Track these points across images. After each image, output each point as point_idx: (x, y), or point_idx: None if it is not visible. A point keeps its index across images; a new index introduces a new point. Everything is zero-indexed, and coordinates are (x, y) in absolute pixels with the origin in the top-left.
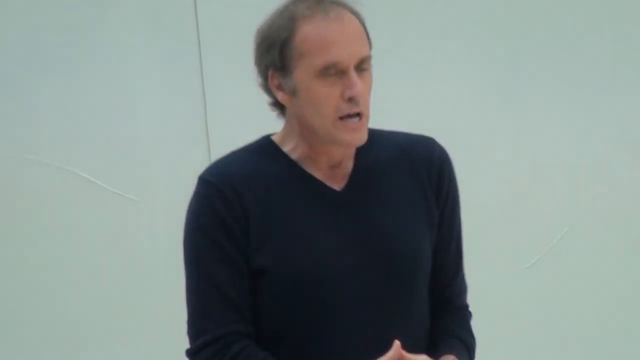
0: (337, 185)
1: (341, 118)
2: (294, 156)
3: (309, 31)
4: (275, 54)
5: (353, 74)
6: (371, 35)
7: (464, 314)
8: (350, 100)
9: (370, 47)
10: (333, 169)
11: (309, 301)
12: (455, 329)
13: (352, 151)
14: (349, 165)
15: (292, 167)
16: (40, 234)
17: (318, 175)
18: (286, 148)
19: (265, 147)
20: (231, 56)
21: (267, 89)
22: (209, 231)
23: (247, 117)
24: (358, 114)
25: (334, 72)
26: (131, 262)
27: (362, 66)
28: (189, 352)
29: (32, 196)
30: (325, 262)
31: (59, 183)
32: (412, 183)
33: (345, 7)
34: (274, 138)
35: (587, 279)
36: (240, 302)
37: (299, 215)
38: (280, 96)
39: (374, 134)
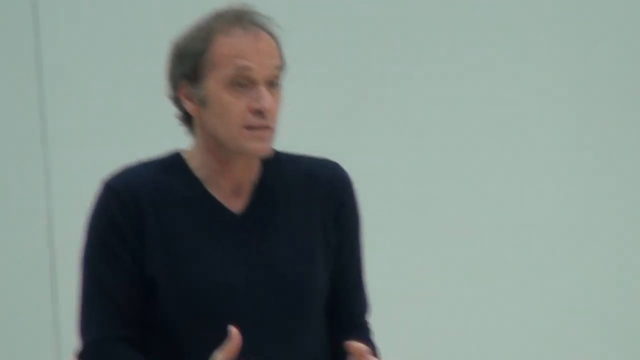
0: (237, 207)
1: (247, 128)
2: (199, 173)
3: (224, 42)
4: (188, 64)
5: (262, 88)
6: None
7: (366, 329)
8: (258, 113)
9: (283, 67)
10: (235, 191)
11: (196, 318)
12: (358, 338)
13: (256, 174)
14: (251, 188)
15: (194, 186)
16: None
17: (220, 195)
18: (193, 164)
19: (173, 162)
20: None
21: (176, 100)
22: (103, 234)
23: None
24: (266, 127)
25: (244, 83)
26: None
27: (273, 80)
28: (75, 354)
29: None
30: (215, 282)
31: None
32: (311, 208)
33: (264, 26)
34: (183, 153)
35: None
36: (126, 307)
37: (193, 234)
38: (189, 106)
39: (279, 157)
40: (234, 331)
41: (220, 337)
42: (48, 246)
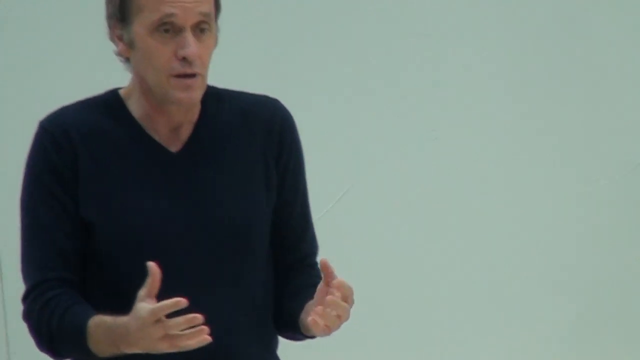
0: (176, 148)
1: (175, 76)
2: (136, 113)
3: None
4: (117, 4)
5: (188, 34)
6: None
7: (315, 270)
8: (184, 60)
9: (218, 10)
10: (173, 132)
11: (134, 261)
12: (308, 280)
13: (194, 114)
14: (189, 128)
15: (131, 126)
16: None
17: (157, 136)
18: (130, 104)
19: (111, 102)
20: None
21: (112, 39)
22: (40, 176)
23: None
24: (193, 74)
25: (169, 28)
26: None
27: (201, 26)
28: (22, 298)
29: None
30: (151, 224)
31: None
32: (251, 146)
33: None
34: (121, 92)
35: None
36: (67, 249)
37: (131, 175)
38: (120, 47)
39: (218, 96)
40: (152, 266)
41: (162, 281)
42: None
